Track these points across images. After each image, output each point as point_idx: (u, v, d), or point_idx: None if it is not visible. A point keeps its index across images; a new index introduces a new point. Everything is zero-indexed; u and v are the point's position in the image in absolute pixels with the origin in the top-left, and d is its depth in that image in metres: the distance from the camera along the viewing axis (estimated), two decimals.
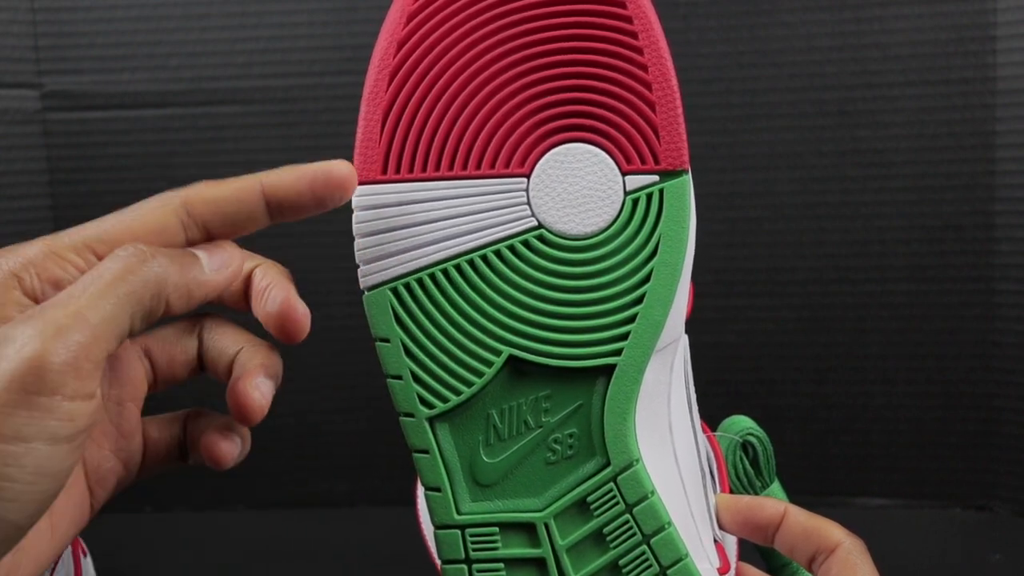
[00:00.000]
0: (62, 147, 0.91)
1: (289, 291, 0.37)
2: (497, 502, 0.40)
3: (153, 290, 0.32)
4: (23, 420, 0.29)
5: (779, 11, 0.84)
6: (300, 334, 0.37)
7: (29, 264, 0.33)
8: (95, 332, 0.30)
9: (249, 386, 0.36)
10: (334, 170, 0.37)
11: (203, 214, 0.36)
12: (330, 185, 0.37)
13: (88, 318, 0.30)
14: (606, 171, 0.39)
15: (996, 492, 0.86)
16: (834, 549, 0.39)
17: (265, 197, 0.36)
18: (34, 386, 0.29)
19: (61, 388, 0.30)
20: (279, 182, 0.36)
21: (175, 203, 0.35)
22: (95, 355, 0.30)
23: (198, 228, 0.36)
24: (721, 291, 0.87)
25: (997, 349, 0.84)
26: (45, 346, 0.29)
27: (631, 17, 0.38)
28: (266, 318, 0.37)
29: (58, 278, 0.33)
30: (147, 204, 0.35)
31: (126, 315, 0.32)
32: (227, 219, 0.36)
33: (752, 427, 0.47)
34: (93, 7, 0.89)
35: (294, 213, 0.37)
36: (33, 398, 0.29)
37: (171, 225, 0.35)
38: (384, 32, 0.39)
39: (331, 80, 0.88)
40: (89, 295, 0.31)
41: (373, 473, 0.92)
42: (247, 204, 0.36)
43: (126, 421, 0.38)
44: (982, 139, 0.83)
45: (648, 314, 0.39)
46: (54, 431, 0.30)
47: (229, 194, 0.36)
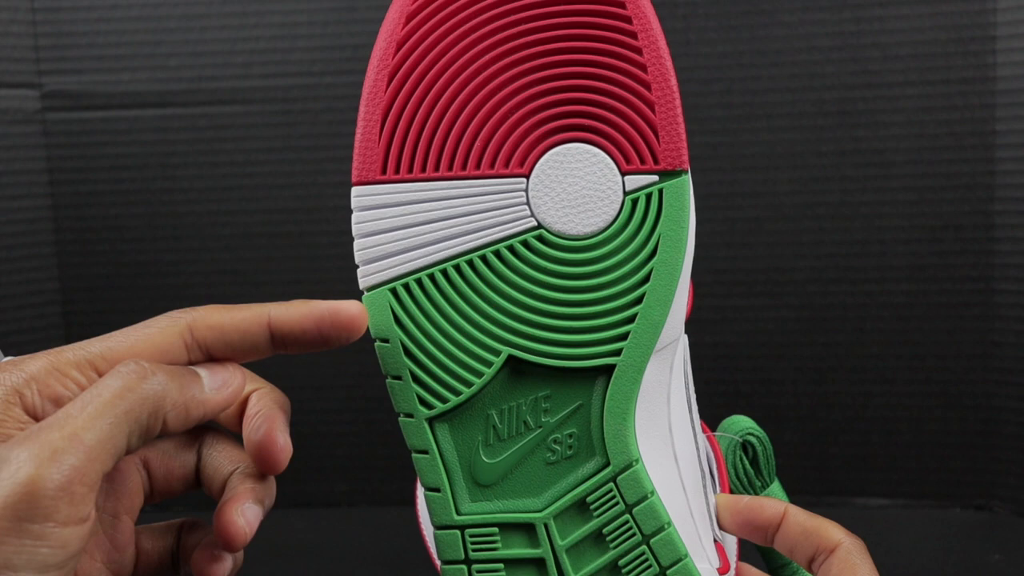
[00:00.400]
0: (62, 147, 0.91)
1: (274, 422, 0.37)
2: (497, 502, 0.40)
3: (151, 408, 0.32)
4: (14, 549, 0.29)
5: (779, 11, 0.84)
6: (277, 467, 0.37)
7: (31, 380, 0.33)
8: (90, 454, 0.30)
9: (234, 512, 0.36)
10: (343, 311, 0.37)
11: (207, 339, 0.36)
12: (337, 326, 0.37)
13: (83, 439, 0.30)
14: (605, 171, 0.39)
15: (996, 492, 0.86)
16: (834, 549, 0.39)
17: (271, 330, 0.36)
18: (26, 513, 0.29)
19: (54, 514, 0.29)
20: (286, 317, 0.36)
21: (181, 325, 0.35)
22: (90, 477, 0.30)
23: (201, 351, 0.36)
24: (721, 291, 0.87)
25: (997, 349, 0.84)
26: (39, 471, 0.29)
27: (630, 17, 0.38)
28: (248, 445, 0.37)
29: (59, 395, 0.33)
30: (154, 324, 0.35)
31: (123, 434, 0.31)
32: (230, 346, 0.36)
33: (752, 427, 0.47)
34: (93, 7, 0.89)
35: (298, 348, 0.37)
36: (25, 525, 0.29)
37: (175, 346, 0.35)
38: (383, 32, 0.39)
39: (331, 80, 0.88)
40: (86, 415, 0.31)
41: (373, 473, 0.92)
42: (252, 335, 0.36)
43: (120, 533, 0.37)
44: (982, 139, 0.83)
45: (648, 314, 0.39)
46: (44, 559, 0.29)
47: (236, 323, 0.36)
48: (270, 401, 0.38)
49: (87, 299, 0.93)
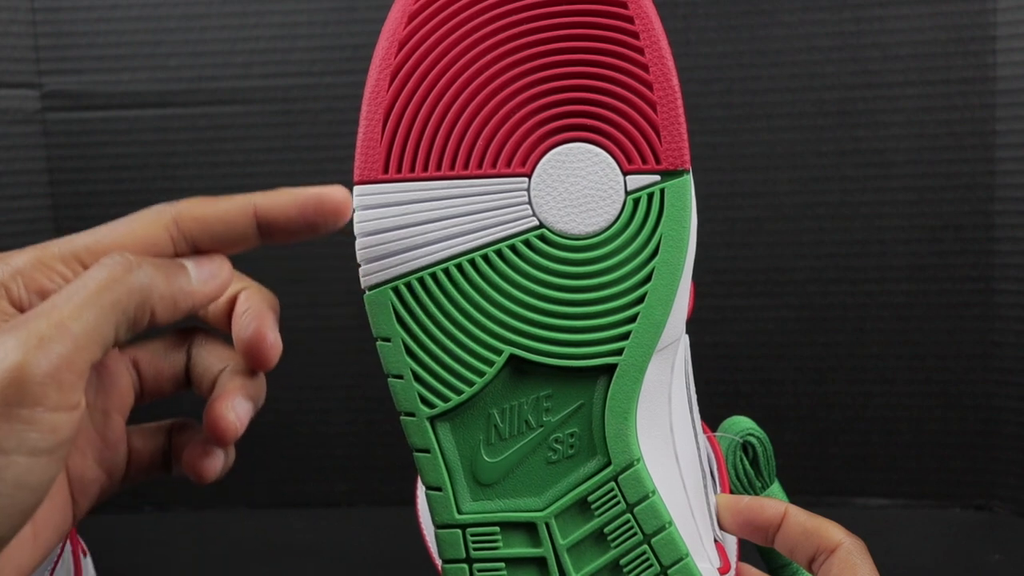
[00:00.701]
0: (62, 147, 0.91)
1: (264, 320, 0.37)
2: (498, 501, 0.40)
3: (138, 299, 0.32)
4: (3, 433, 0.29)
5: (779, 11, 0.84)
6: (267, 363, 0.37)
7: (17, 274, 0.33)
8: (77, 342, 0.30)
9: (224, 407, 0.36)
10: (327, 196, 0.36)
11: (193, 231, 0.35)
12: (323, 211, 0.36)
13: (70, 328, 0.30)
14: (607, 171, 0.39)
15: (996, 492, 0.86)
16: (834, 549, 0.39)
17: (257, 218, 0.36)
18: (15, 398, 0.29)
19: (43, 400, 0.29)
20: (271, 204, 0.36)
21: (166, 218, 0.35)
22: (78, 366, 0.30)
23: (187, 244, 0.35)
24: (721, 291, 0.87)
25: (997, 349, 0.84)
26: (26, 358, 0.29)
27: (632, 17, 0.38)
28: (237, 343, 0.37)
29: (45, 288, 0.33)
30: (139, 217, 0.35)
31: (110, 324, 0.31)
32: (216, 237, 0.36)
33: (752, 427, 0.47)
34: (93, 7, 0.89)
35: (285, 236, 0.37)
36: (14, 410, 0.29)
37: (161, 239, 0.35)
38: (385, 32, 0.39)
39: (331, 80, 0.88)
40: (72, 305, 0.31)
41: (373, 473, 0.92)
42: (238, 225, 0.36)
43: (111, 431, 0.37)
44: (982, 139, 0.83)
45: (649, 314, 0.39)
46: (35, 443, 0.29)
47: (221, 213, 0.36)
48: (259, 299, 0.38)
49: None
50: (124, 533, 0.87)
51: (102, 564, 0.65)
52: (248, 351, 0.37)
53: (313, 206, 0.36)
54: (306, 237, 0.37)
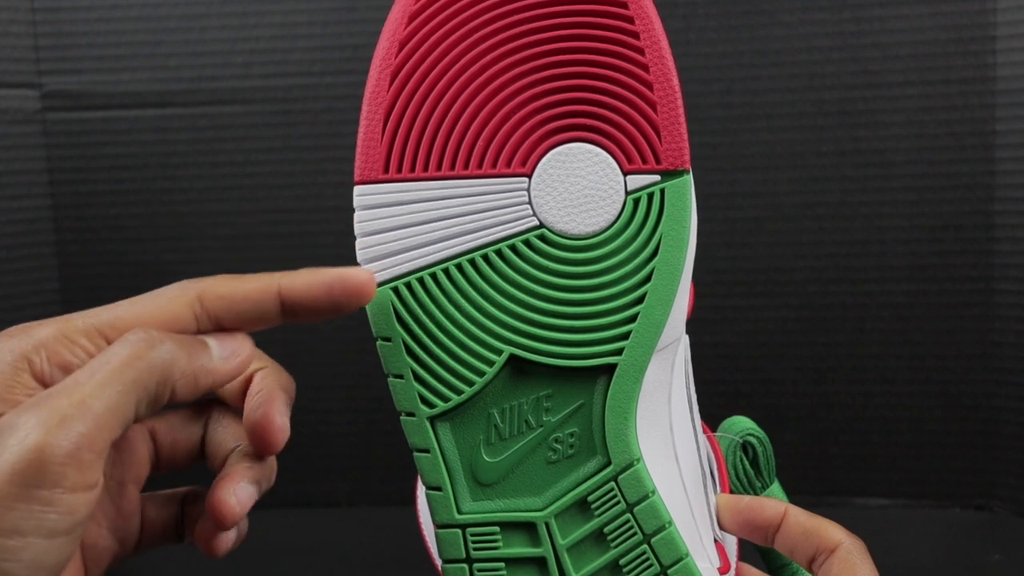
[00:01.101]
0: (62, 147, 0.91)
1: (273, 403, 0.37)
2: (498, 501, 0.40)
3: (159, 376, 0.32)
4: (22, 514, 0.29)
5: (779, 11, 0.84)
6: (272, 448, 0.37)
7: (40, 347, 0.33)
8: (98, 421, 0.30)
9: (226, 491, 0.36)
10: (351, 278, 0.36)
11: (216, 308, 0.35)
12: (347, 293, 0.36)
13: (92, 407, 0.30)
14: (607, 171, 0.39)
15: (996, 492, 0.86)
16: (834, 549, 0.39)
17: (281, 299, 0.36)
18: (35, 479, 0.29)
19: (62, 480, 0.29)
20: (296, 286, 0.36)
21: (190, 294, 0.35)
22: (98, 445, 0.30)
23: (210, 321, 0.36)
24: (721, 291, 0.87)
25: (997, 349, 0.84)
26: (47, 437, 0.29)
27: (633, 17, 0.38)
28: (245, 425, 0.37)
29: (68, 362, 0.33)
30: (163, 293, 0.35)
31: (131, 402, 0.31)
32: (240, 316, 0.36)
33: (752, 427, 0.47)
34: (93, 7, 0.89)
35: (308, 316, 0.37)
36: (33, 491, 0.29)
37: (184, 316, 0.35)
38: (386, 32, 0.39)
39: (331, 80, 0.88)
40: (95, 382, 0.31)
41: (373, 473, 0.92)
42: (262, 304, 0.36)
43: (126, 502, 0.38)
44: (982, 139, 0.83)
45: (649, 314, 0.39)
46: (53, 525, 0.30)
47: (246, 293, 0.36)
48: (273, 381, 0.38)
49: (87, 299, 0.92)
50: None
51: None
52: (255, 434, 0.37)
53: (339, 288, 0.36)
54: (329, 317, 0.37)
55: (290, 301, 0.36)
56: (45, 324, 0.34)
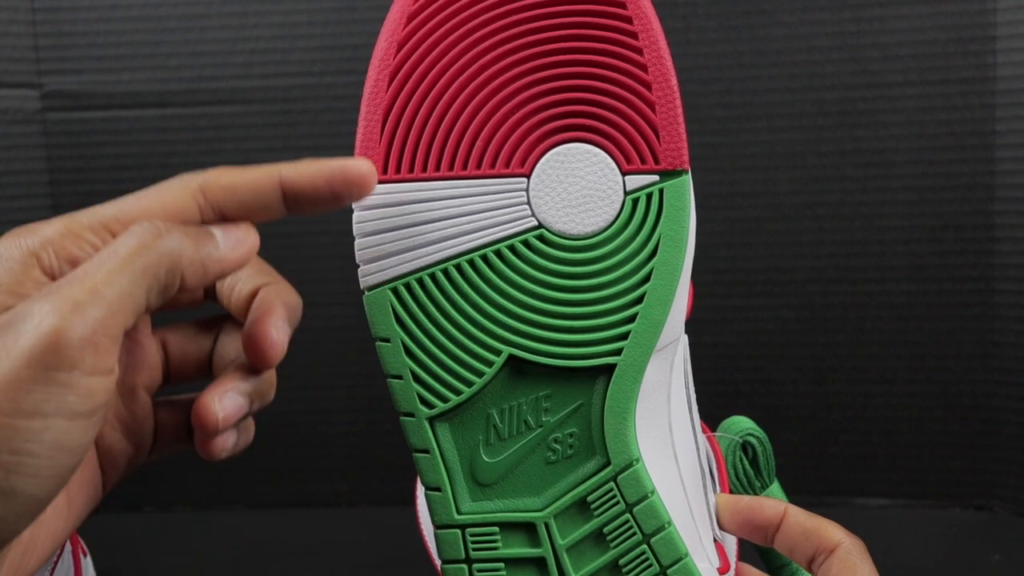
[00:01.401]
0: (62, 147, 0.91)
1: (271, 317, 0.37)
2: (497, 502, 0.40)
3: (168, 264, 0.32)
4: (42, 396, 0.29)
5: (779, 11, 0.84)
6: (264, 361, 0.37)
7: (47, 243, 0.33)
8: (111, 307, 0.31)
9: (210, 398, 0.36)
10: (352, 167, 0.36)
11: (220, 199, 0.35)
12: (348, 182, 0.36)
13: (104, 293, 0.31)
14: (606, 171, 0.39)
15: (996, 492, 0.86)
16: (834, 549, 0.39)
17: (282, 188, 0.36)
18: (53, 362, 0.29)
19: (79, 363, 0.30)
20: (297, 175, 0.36)
21: (193, 186, 0.35)
22: (112, 330, 0.31)
23: (214, 212, 0.36)
24: (721, 291, 0.87)
25: (997, 349, 0.84)
26: (63, 322, 0.30)
27: (631, 17, 0.38)
28: (242, 335, 0.37)
29: (75, 257, 0.33)
30: (166, 186, 0.35)
31: (142, 290, 0.32)
32: (243, 206, 0.36)
33: (752, 427, 0.47)
34: (93, 7, 0.89)
35: (310, 206, 0.37)
36: (52, 374, 0.29)
37: (188, 207, 0.35)
38: (384, 32, 0.39)
39: (331, 80, 0.88)
40: (105, 271, 0.31)
41: (373, 473, 0.93)
42: (264, 193, 0.36)
43: (139, 406, 0.38)
44: (982, 139, 0.83)
45: (648, 314, 0.39)
46: (73, 406, 0.30)
47: (247, 182, 0.36)
48: (275, 296, 0.38)
49: None
50: (124, 533, 0.87)
51: (102, 564, 0.65)
52: (248, 346, 0.37)
53: (340, 177, 0.36)
54: (330, 207, 0.37)
55: (292, 190, 0.36)
56: (50, 222, 0.34)
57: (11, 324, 0.30)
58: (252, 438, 0.39)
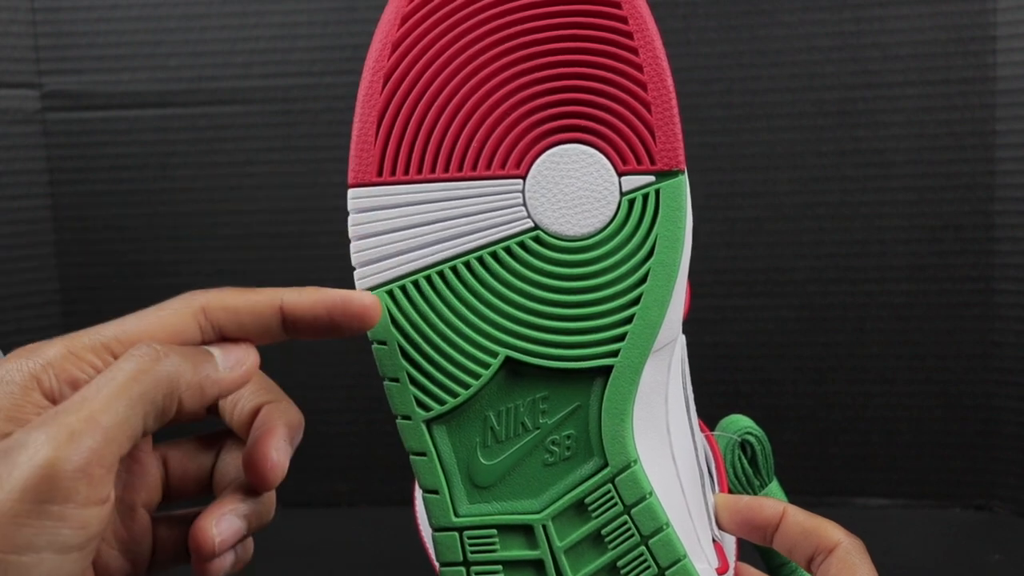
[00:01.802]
0: (62, 147, 0.91)
1: (272, 439, 0.37)
2: (495, 504, 0.40)
3: (166, 389, 0.32)
4: (35, 530, 0.29)
5: (779, 11, 0.84)
6: (264, 483, 0.36)
7: (48, 366, 0.33)
8: (107, 435, 0.30)
9: (208, 521, 0.36)
10: (355, 301, 0.37)
11: (220, 320, 0.35)
12: (348, 315, 0.37)
13: (100, 422, 0.30)
14: (602, 172, 0.39)
15: (996, 492, 0.86)
16: (833, 549, 0.39)
17: (283, 315, 0.36)
18: (46, 495, 0.29)
19: (73, 495, 0.29)
20: (299, 304, 0.36)
21: (195, 306, 0.35)
22: (108, 459, 0.30)
23: (214, 332, 0.36)
24: (721, 291, 0.87)
25: (997, 349, 0.84)
26: (57, 453, 0.29)
27: (626, 18, 0.38)
28: (242, 456, 0.37)
29: (76, 378, 0.33)
30: (167, 306, 0.35)
31: (139, 416, 0.32)
32: (243, 328, 0.36)
33: (750, 426, 0.47)
34: (93, 7, 0.89)
35: (310, 334, 0.37)
36: (45, 507, 0.29)
37: (189, 327, 0.35)
38: (378, 34, 0.39)
39: (331, 80, 0.88)
40: (102, 398, 0.31)
41: (373, 473, 0.92)
42: (264, 319, 0.36)
43: (137, 524, 0.38)
44: (982, 139, 0.83)
45: (645, 315, 0.39)
46: (65, 540, 0.30)
47: (249, 306, 0.36)
48: (277, 415, 0.38)
49: (87, 299, 0.93)
50: None
51: None
52: (248, 468, 0.37)
53: (340, 310, 0.36)
54: (330, 337, 0.37)
55: (292, 318, 0.36)
56: (52, 343, 0.34)
57: (7, 454, 0.30)
58: (251, 556, 0.39)
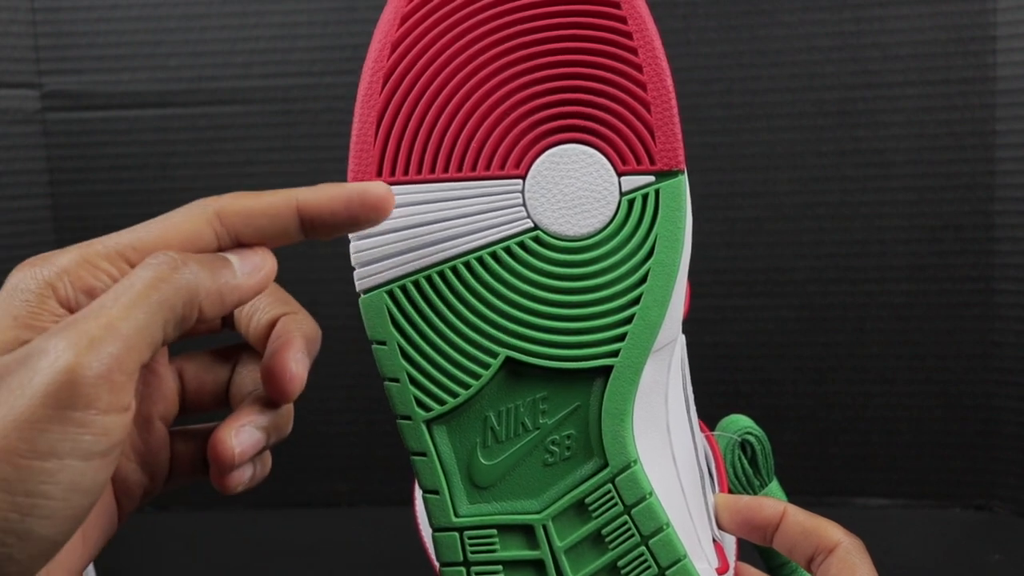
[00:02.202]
0: (62, 147, 0.91)
1: (290, 350, 0.37)
2: (495, 504, 0.40)
3: (185, 297, 0.32)
4: (57, 436, 0.29)
5: (779, 11, 0.84)
6: (284, 395, 0.36)
7: (63, 273, 0.33)
8: (128, 343, 0.30)
9: (226, 432, 0.36)
10: (371, 191, 0.36)
11: (236, 224, 0.35)
12: (366, 205, 0.36)
13: (120, 329, 0.30)
14: (602, 172, 0.39)
15: (996, 492, 0.86)
16: (833, 549, 0.39)
17: (299, 213, 0.36)
18: (68, 401, 0.29)
19: (95, 401, 0.29)
20: (314, 199, 0.36)
21: (209, 212, 0.35)
22: (128, 366, 0.30)
23: (230, 237, 0.35)
24: (721, 291, 0.87)
25: (997, 349, 0.84)
26: (78, 359, 0.29)
27: (626, 18, 0.38)
28: (260, 369, 0.37)
29: (92, 286, 0.33)
30: (181, 212, 0.35)
31: (158, 324, 0.31)
32: (259, 231, 0.35)
33: (750, 426, 0.47)
34: (93, 7, 0.89)
35: (328, 231, 0.36)
36: (67, 413, 0.29)
37: (204, 234, 0.35)
38: (378, 34, 0.39)
39: (331, 80, 0.88)
40: (121, 305, 0.31)
41: (373, 473, 0.92)
42: (281, 218, 0.35)
43: (155, 437, 0.38)
44: (982, 139, 0.83)
45: (645, 315, 0.39)
46: (88, 446, 0.29)
47: (264, 207, 0.35)
48: (295, 327, 0.38)
49: None
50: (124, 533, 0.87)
51: (102, 564, 0.65)
52: (267, 379, 0.36)
53: (358, 201, 0.36)
54: (348, 231, 0.37)
55: (309, 215, 0.36)
56: (66, 251, 0.33)
57: (26, 361, 0.29)
58: (269, 470, 0.38)
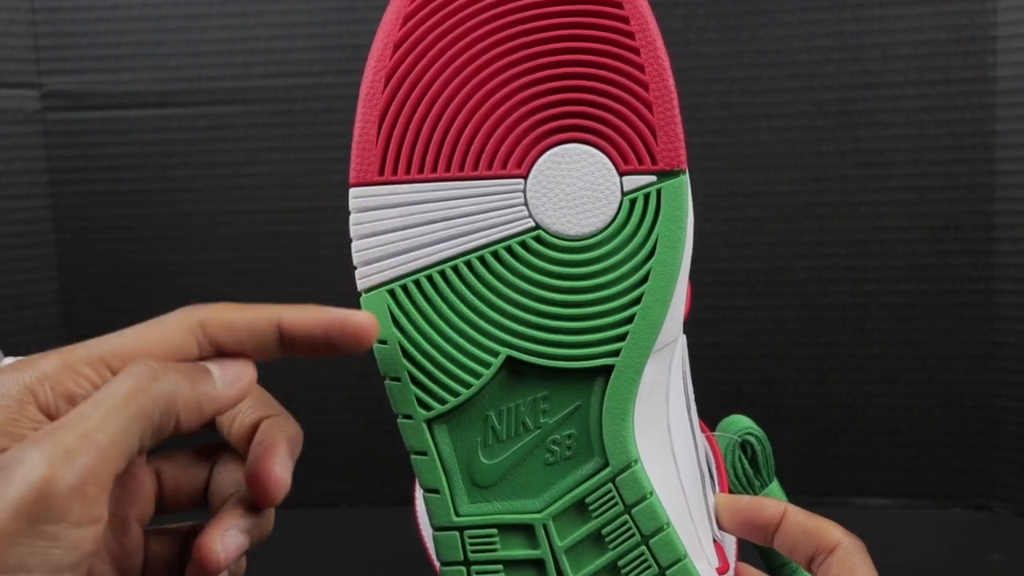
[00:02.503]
0: (62, 147, 0.91)
1: (274, 454, 0.36)
2: (496, 503, 0.40)
3: (163, 407, 0.32)
4: (27, 550, 0.29)
5: (779, 11, 0.84)
6: (268, 500, 0.36)
7: (44, 379, 0.33)
8: (103, 454, 0.30)
9: (212, 537, 0.36)
10: (352, 321, 0.36)
11: (218, 335, 0.35)
12: (346, 335, 0.36)
13: (96, 439, 0.30)
14: (603, 171, 0.39)
15: (996, 492, 0.86)
16: (833, 549, 0.39)
17: (281, 332, 0.36)
18: (40, 513, 0.29)
19: (67, 515, 0.29)
20: (296, 321, 0.36)
21: (193, 321, 0.35)
22: (102, 478, 0.30)
23: (212, 347, 0.35)
24: (721, 291, 0.87)
25: (997, 349, 0.84)
26: (52, 471, 0.29)
27: (627, 17, 0.38)
28: (244, 473, 0.37)
29: (72, 393, 0.33)
30: (165, 321, 0.35)
31: (135, 434, 0.31)
32: (240, 345, 0.36)
33: (751, 426, 0.47)
34: (93, 7, 0.89)
35: (306, 352, 0.37)
36: (38, 526, 0.29)
37: (186, 343, 0.35)
38: (380, 33, 0.39)
39: (331, 80, 0.88)
40: (99, 415, 0.31)
41: (373, 473, 0.92)
42: (262, 335, 0.36)
43: (130, 538, 0.37)
44: (982, 139, 0.83)
45: (646, 314, 0.39)
46: (58, 560, 0.29)
47: (247, 322, 0.35)
48: (277, 430, 0.38)
49: (87, 299, 0.93)
50: None
51: None
52: (252, 484, 0.36)
53: (338, 329, 0.36)
54: (327, 355, 0.37)
55: (289, 336, 0.36)
56: (48, 356, 0.34)
57: (2, 471, 0.29)
58: (244, 572, 0.39)
